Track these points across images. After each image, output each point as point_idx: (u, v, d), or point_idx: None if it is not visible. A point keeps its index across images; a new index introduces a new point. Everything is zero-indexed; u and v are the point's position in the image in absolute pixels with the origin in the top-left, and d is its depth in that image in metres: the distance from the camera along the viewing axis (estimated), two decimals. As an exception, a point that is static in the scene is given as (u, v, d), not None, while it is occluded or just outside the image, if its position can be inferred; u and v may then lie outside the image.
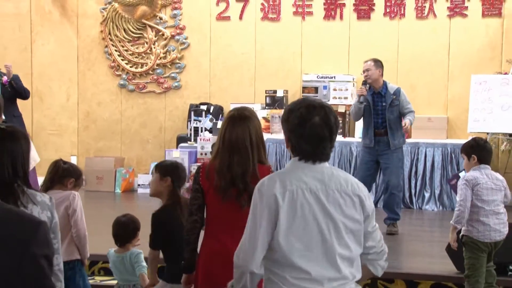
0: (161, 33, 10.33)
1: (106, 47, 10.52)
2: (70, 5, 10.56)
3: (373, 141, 7.08)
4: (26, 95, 8.15)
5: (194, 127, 9.75)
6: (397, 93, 7.05)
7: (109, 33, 10.48)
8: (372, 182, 7.30)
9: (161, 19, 10.33)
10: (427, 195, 8.64)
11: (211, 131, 9.59)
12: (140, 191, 9.80)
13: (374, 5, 9.51)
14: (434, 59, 9.31)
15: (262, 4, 9.92)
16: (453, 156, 8.52)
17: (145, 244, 4.23)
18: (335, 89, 9.36)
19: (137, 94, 10.47)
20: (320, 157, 2.58)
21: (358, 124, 8.74)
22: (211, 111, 9.86)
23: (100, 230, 5.99)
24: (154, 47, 10.38)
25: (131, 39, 10.47)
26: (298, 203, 2.50)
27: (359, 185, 2.62)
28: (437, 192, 8.62)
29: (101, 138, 10.55)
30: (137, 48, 10.48)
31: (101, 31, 10.52)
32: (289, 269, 2.49)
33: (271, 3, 9.88)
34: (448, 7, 9.28)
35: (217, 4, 10.04)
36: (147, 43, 10.42)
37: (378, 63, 7.11)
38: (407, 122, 6.94)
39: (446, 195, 8.58)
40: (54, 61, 10.61)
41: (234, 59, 10.03)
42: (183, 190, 4.41)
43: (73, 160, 9.93)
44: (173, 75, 10.32)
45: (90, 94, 10.58)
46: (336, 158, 8.76)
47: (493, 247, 4.82)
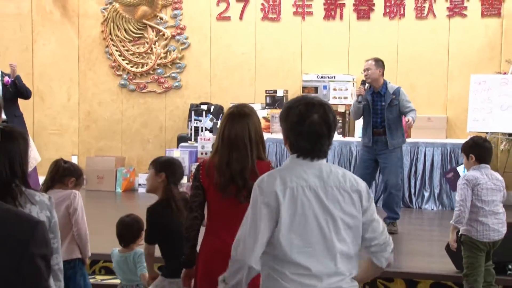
0: (161, 33, 10.35)
1: (107, 47, 10.53)
2: (71, 5, 10.58)
3: (371, 140, 7.09)
4: (28, 95, 8.15)
5: (194, 127, 9.77)
6: (397, 92, 7.05)
7: (110, 33, 10.50)
8: (371, 180, 7.29)
9: (161, 19, 10.35)
10: (426, 194, 8.66)
11: (211, 130, 9.61)
12: (140, 190, 9.81)
13: (373, 5, 9.53)
14: (433, 59, 9.32)
15: (262, 4, 9.93)
16: (453, 155, 8.54)
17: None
18: (335, 89, 9.38)
19: (138, 94, 10.49)
20: (318, 154, 2.60)
21: (358, 123, 8.76)
22: (212, 111, 9.87)
23: (101, 229, 6.02)
24: (154, 47, 10.39)
25: (132, 39, 10.49)
26: (298, 200, 2.52)
27: (357, 180, 2.64)
28: (437, 191, 8.63)
29: (102, 137, 10.56)
30: (137, 48, 10.49)
31: (102, 31, 10.53)
32: (289, 265, 2.51)
33: (271, 3, 9.90)
34: (447, 7, 9.29)
35: (218, 4, 10.06)
36: (147, 43, 10.43)
37: (379, 63, 7.11)
38: (410, 118, 6.93)
39: (445, 194, 8.60)
40: (55, 61, 10.63)
41: (234, 59, 10.05)
42: (185, 187, 4.41)
43: (74, 159, 9.94)
44: (173, 75, 10.34)
45: (91, 94, 10.59)
46: (336, 157, 8.77)
47: (491, 247, 4.83)
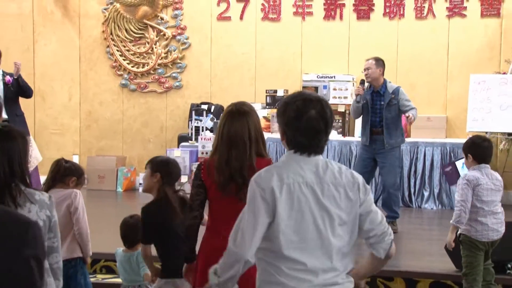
0: (162, 33, 10.38)
1: (107, 47, 10.56)
2: (72, 5, 10.60)
3: (369, 139, 7.11)
4: (30, 93, 8.16)
5: (195, 127, 9.80)
6: (396, 92, 7.06)
7: (111, 33, 10.53)
8: (370, 178, 7.30)
9: (162, 19, 10.37)
10: (426, 194, 8.68)
11: (212, 130, 9.63)
12: (141, 190, 9.83)
13: (373, 5, 9.55)
14: (433, 59, 9.34)
15: (262, 4, 9.95)
16: (452, 155, 8.56)
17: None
18: (335, 89, 9.40)
19: (139, 93, 10.52)
20: (315, 150, 2.61)
21: (357, 123, 8.78)
22: (212, 110, 9.90)
23: (102, 228, 6.06)
24: (155, 47, 10.42)
25: (133, 39, 10.51)
26: (295, 196, 2.53)
27: (354, 174, 2.65)
28: (436, 191, 8.65)
29: (103, 137, 10.59)
30: (138, 48, 10.52)
31: (103, 31, 10.56)
32: (285, 260, 2.52)
33: (272, 3, 9.92)
34: (447, 7, 9.31)
35: (218, 4, 10.08)
36: (148, 43, 10.46)
37: (379, 62, 7.12)
38: (410, 114, 6.90)
39: (445, 193, 8.62)
40: (56, 61, 10.65)
41: (234, 59, 10.07)
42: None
43: (75, 159, 9.97)
44: (174, 75, 10.36)
45: (92, 93, 10.62)
46: (336, 157, 8.79)
47: (490, 246, 4.85)
